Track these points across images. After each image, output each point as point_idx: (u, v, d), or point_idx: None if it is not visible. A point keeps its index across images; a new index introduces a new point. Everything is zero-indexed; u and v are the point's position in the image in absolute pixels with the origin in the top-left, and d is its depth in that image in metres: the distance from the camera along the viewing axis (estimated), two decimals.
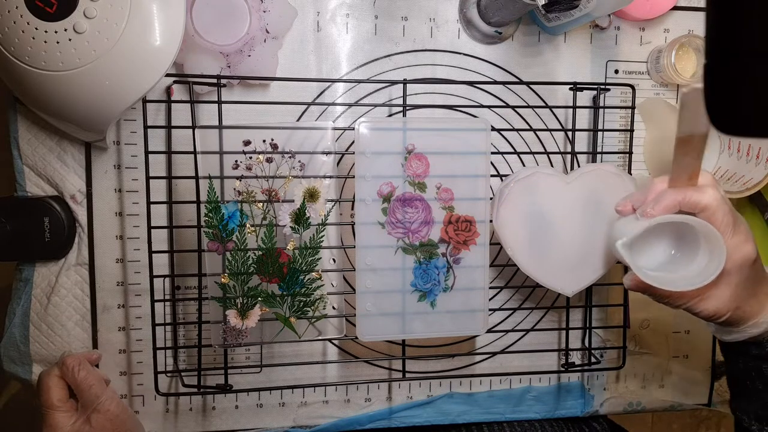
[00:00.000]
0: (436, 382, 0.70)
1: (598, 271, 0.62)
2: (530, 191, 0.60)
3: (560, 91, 0.68)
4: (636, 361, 0.73)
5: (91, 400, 0.57)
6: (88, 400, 0.57)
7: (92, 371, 0.59)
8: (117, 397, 0.59)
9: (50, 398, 0.56)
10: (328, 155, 0.57)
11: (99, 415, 0.56)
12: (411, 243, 0.59)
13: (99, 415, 0.56)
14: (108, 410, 0.57)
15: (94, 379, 0.58)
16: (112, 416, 0.57)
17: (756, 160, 0.66)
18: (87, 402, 0.57)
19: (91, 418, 0.56)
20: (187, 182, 0.60)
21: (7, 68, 0.50)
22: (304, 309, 0.59)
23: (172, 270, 0.62)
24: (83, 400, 0.57)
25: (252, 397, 0.67)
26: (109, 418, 0.57)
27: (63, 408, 0.56)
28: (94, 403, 0.57)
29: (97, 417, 0.56)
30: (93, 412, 0.56)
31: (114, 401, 0.58)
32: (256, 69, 0.61)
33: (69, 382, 0.58)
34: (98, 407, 0.56)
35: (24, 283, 0.62)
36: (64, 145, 0.61)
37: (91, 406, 0.57)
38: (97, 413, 0.56)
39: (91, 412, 0.56)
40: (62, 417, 0.56)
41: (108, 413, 0.57)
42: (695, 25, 0.70)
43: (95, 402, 0.57)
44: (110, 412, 0.57)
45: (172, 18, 0.52)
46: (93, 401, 0.57)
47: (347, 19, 0.65)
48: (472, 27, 0.66)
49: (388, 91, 0.66)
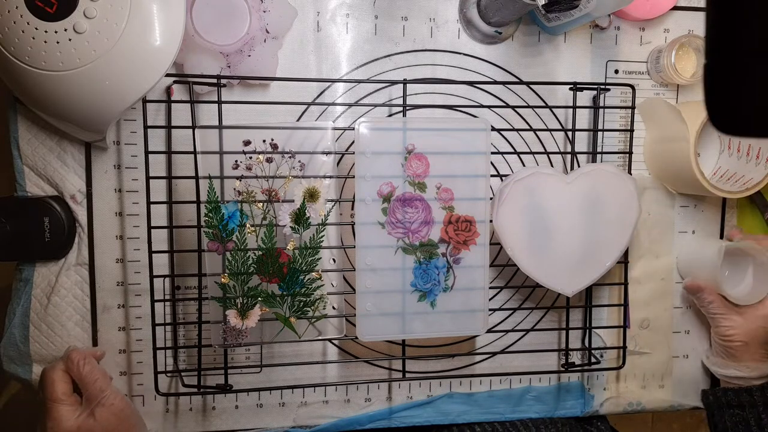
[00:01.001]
0: (436, 382, 0.70)
1: (598, 271, 0.62)
2: (530, 191, 0.60)
3: (560, 91, 0.68)
4: (636, 361, 0.73)
5: (95, 394, 0.56)
6: (92, 394, 0.57)
7: (97, 366, 0.59)
8: (121, 393, 0.59)
9: (55, 391, 0.56)
10: (328, 155, 0.57)
11: (103, 409, 0.56)
12: (411, 243, 0.59)
13: (103, 409, 0.56)
14: (112, 404, 0.57)
15: (99, 373, 0.58)
16: (117, 410, 0.57)
17: (756, 160, 0.66)
18: (91, 396, 0.57)
19: (95, 411, 0.56)
20: (187, 182, 0.60)
21: (7, 68, 0.50)
22: (304, 309, 0.59)
23: (172, 270, 0.62)
24: (87, 394, 0.57)
25: (252, 397, 0.67)
26: (114, 412, 0.57)
27: (67, 402, 0.56)
28: (98, 397, 0.56)
29: (101, 411, 0.56)
30: (97, 405, 0.56)
31: (118, 396, 0.58)
32: (256, 69, 0.61)
33: (74, 376, 0.58)
34: (102, 401, 0.56)
35: (24, 283, 0.62)
36: (64, 145, 0.61)
37: (95, 400, 0.56)
38: (101, 407, 0.56)
39: (95, 406, 0.56)
40: (66, 410, 0.56)
41: (112, 407, 0.57)
42: (695, 25, 0.70)
43: (99, 396, 0.56)
44: (114, 406, 0.57)
45: (172, 18, 0.52)
46: (97, 395, 0.56)
47: (347, 19, 0.65)
48: (472, 27, 0.66)
49: (388, 91, 0.66)
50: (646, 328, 0.73)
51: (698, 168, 0.63)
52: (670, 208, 0.72)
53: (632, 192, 0.62)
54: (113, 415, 0.57)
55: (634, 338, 0.72)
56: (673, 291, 0.73)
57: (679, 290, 0.73)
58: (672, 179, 0.70)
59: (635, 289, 0.72)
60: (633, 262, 0.71)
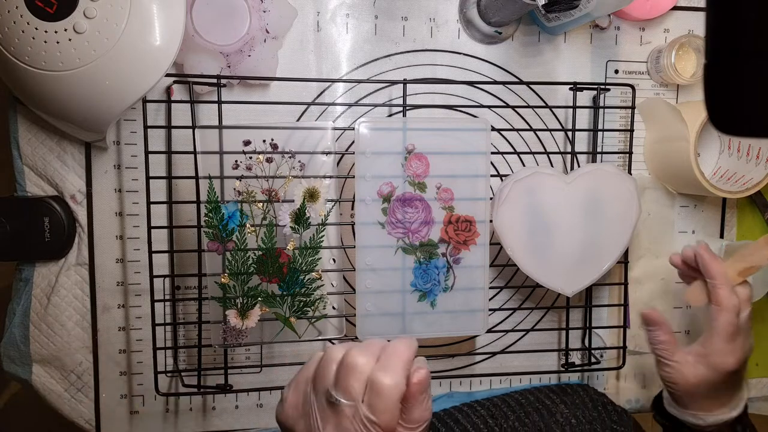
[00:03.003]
0: (436, 382, 0.70)
1: (598, 271, 0.62)
2: (530, 191, 0.60)
3: (560, 91, 0.68)
4: (636, 361, 0.73)
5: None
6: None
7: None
8: None
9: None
10: (328, 155, 0.57)
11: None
12: (411, 243, 0.59)
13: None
14: None
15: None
16: None
17: (756, 160, 0.66)
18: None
19: None
20: (187, 182, 0.60)
21: (7, 68, 0.50)
22: (304, 309, 0.59)
23: (172, 270, 0.62)
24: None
25: (252, 397, 0.67)
26: None
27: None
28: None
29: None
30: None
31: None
32: (256, 69, 0.61)
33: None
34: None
35: (24, 283, 0.62)
36: (64, 145, 0.61)
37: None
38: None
39: None
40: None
41: None
42: (695, 25, 0.70)
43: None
44: None
45: (172, 18, 0.52)
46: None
47: (347, 19, 0.65)
48: (472, 27, 0.66)
49: (388, 91, 0.66)
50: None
51: (698, 168, 0.63)
52: (670, 208, 0.72)
53: (632, 192, 0.62)
54: None
55: (634, 338, 0.72)
56: (673, 291, 0.73)
57: (679, 290, 0.73)
58: (672, 179, 0.70)
59: (635, 289, 0.72)
60: (633, 262, 0.71)
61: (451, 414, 0.66)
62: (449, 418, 0.65)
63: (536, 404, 0.66)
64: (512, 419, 0.64)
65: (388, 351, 0.42)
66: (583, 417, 0.64)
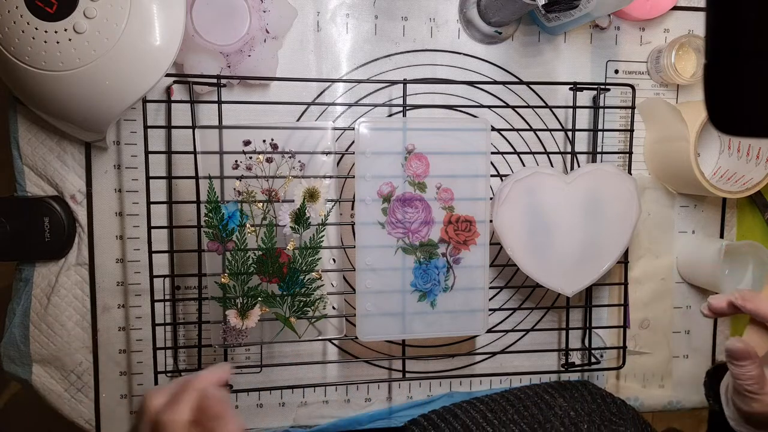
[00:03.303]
0: (436, 382, 0.70)
1: (597, 271, 0.62)
2: (530, 191, 0.60)
3: (560, 91, 0.68)
4: (636, 361, 0.73)
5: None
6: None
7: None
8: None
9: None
10: (328, 155, 0.57)
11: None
12: (411, 243, 0.59)
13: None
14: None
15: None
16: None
17: (756, 160, 0.66)
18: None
19: None
20: (187, 182, 0.60)
21: (7, 68, 0.50)
22: (304, 309, 0.59)
23: (172, 270, 0.62)
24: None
25: (252, 397, 0.67)
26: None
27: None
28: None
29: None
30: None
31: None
32: (256, 69, 0.61)
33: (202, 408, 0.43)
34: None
35: (24, 283, 0.62)
36: (64, 145, 0.61)
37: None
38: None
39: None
40: None
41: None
42: (695, 25, 0.70)
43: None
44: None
45: (172, 18, 0.52)
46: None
47: (347, 19, 0.65)
48: (472, 27, 0.66)
49: (388, 91, 0.66)
50: (646, 328, 0.73)
51: (698, 168, 0.63)
52: (670, 208, 0.72)
53: (632, 192, 0.62)
54: None
55: (634, 338, 0.72)
56: (673, 291, 0.73)
57: (679, 290, 0.73)
58: (672, 179, 0.70)
59: (635, 289, 0.72)
60: (633, 262, 0.71)
61: (451, 410, 0.66)
62: (448, 413, 0.65)
63: (535, 398, 0.66)
64: (511, 412, 0.64)
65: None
66: (582, 410, 0.64)
